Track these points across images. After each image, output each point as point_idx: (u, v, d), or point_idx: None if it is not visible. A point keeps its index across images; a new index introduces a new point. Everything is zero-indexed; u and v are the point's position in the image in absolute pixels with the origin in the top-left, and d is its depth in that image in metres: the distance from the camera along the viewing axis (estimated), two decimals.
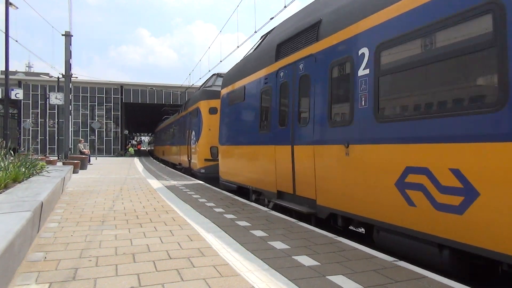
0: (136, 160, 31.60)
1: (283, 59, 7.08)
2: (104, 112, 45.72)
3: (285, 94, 7.02)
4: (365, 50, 4.81)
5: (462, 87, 3.73)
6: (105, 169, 18.63)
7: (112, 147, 46.32)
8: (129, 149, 50.58)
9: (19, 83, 40.36)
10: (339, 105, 5.54)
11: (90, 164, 21.35)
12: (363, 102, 4.81)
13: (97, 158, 32.42)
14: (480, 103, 3.45)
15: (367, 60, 4.77)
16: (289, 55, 6.88)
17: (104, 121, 44.89)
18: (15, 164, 7.89)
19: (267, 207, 7.46)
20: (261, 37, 9.33)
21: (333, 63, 5.53)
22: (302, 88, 6.42)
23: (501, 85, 3.20)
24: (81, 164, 17.27)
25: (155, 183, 11.83)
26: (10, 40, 13.88)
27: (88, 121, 43.34)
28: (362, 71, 4.84)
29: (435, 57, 3.88)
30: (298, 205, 6.36)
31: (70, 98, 23.21)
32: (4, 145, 9.27)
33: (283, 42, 7.22)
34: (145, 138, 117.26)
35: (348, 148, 5.02)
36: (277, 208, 7.19)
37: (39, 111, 42.28)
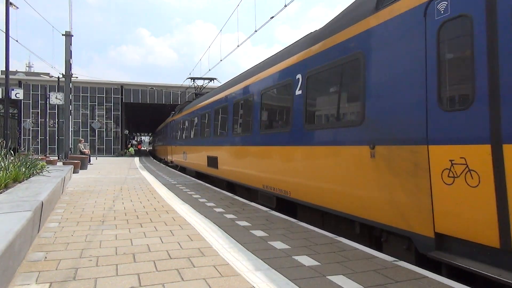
0: (136, 160, 31.60)
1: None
2: (104, 112, 45.69)
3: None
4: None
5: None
6: (105, 169, 18.64)
7: (112, 147, 46.30)
8: (129, 149, 50.55)
9: (19, 83, 40.34)
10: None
11: (91, 164, 21.35)
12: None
13: (97, 158, 32.42)
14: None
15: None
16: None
17: (104, 121, 44.87)
18: (16, 164, 7.89)
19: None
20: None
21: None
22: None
23: None
24: (81, 164, 17.27)
25: (155, 183, 11.83)
26: (10, 40, 13.88)
27: (88, 121, 43.30)
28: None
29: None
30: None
31: (70, 98, 23.21)
32: (4, 145, 9.28)
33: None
34: (145, 138, 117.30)
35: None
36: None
37: (39, 111, 42.25)
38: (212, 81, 20.85)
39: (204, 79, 21.05)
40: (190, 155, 16.01)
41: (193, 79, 21.04)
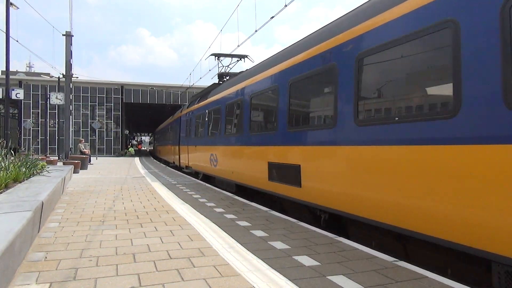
0: (136, 160, 31.61)
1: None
2: (105, 112, 45.69)
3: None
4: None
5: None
6: (106, 169, 18.64)
7: (112, 147, 46.31)
8: (129, 149, 50.48)
9: (19, 83, 40.35)
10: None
11: (91, 164, 21.35)
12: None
13: (98, 158, 32.43)
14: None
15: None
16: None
17: (105, 121, 44.87)
18: (16, 164, 7.89)
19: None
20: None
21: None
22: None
23: None
24: (82, 164, 17.27)
25: (155, 183, 11.83)
26: (11, 40, 13.88)
27: (89, 121, 43.32)
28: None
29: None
30: None
31: (71, 98, 23.23)
32: (4, 145, 9.28)
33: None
34: (145, 138, 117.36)
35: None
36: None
37: (39, 111, 42.27)
38: (243, 59, 15.64)
39: (232, 56, 15.65)
40: (229, 160, 10.20)
41: (218, 56, 15.81)
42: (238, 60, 15.65)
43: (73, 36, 21.13)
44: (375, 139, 4.48)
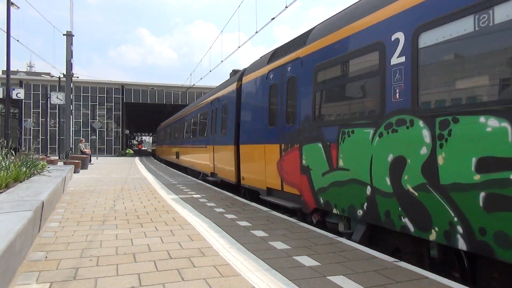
0: (137, 159, 31.62)
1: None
2: (105, 112, 45.75)
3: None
4: None
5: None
6: (106, 169, 18.65)
7: (113, 147, 46.36)
8: (128, 151, 50.21)
9: (20, 83, 40.42)
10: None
11: (91, 163, 21.37)
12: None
13: (98, 157, 32.45)
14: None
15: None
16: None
17: (105, 121, 44.93)
18: (16, 163, 7.90)
19: None
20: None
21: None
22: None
23: None
24: (82, 163, 17.28)
25: (155, 183, 11.83)
26: (11, 39, 13.90)
27: (89, 121, 43.39)
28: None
29: None
30: None
31: (71, 97, 23.23)
32: (5, 145, 9.29)
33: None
34: (145, 138, 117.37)
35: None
36: None
37: (40, 110, 42.35)
38: None
39: None
40: None
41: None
42: None
43: (73, 36, 21.15)
44: None
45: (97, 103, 45.15)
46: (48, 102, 27.36)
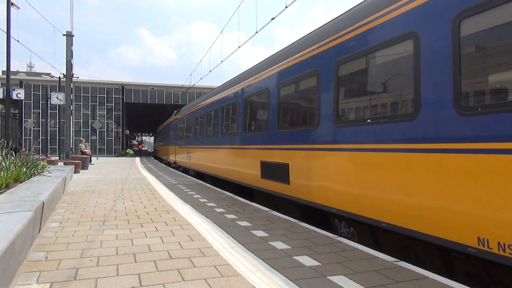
0: (137, 159, 31.62)
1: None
2: (105, 112, 45.74)
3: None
4: None
5: None
6: (106, 169, 18.65)
7: (113, 147, 46.35)
8: (128, 151, 50.10)
9: (20, 83, 40.41)
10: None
11: (91, 164, 21.37)
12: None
13: (98, 158, 32.45)
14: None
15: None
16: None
17: (105, 121, 44.92)
18: (17, 164, 7.90)
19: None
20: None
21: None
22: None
23: None
24: (82, 164, 17.28)
25: (156, 183, 11.83)
26: (11, 40, 13.90)
27: (89, 121, 43.37)
28: None
29: None
30: None
31: (71, 98, 23.24)
32: (5, 145, 9.29)
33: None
34: (146, 138, 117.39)
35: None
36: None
37: (40, 111, 42.36)
38: None
39: None
40: None
41: None
42: None
43: (73, 36, 21.16)
44: None
45: (97, 103, 45.14)
46: (48, 102, 27.38)
